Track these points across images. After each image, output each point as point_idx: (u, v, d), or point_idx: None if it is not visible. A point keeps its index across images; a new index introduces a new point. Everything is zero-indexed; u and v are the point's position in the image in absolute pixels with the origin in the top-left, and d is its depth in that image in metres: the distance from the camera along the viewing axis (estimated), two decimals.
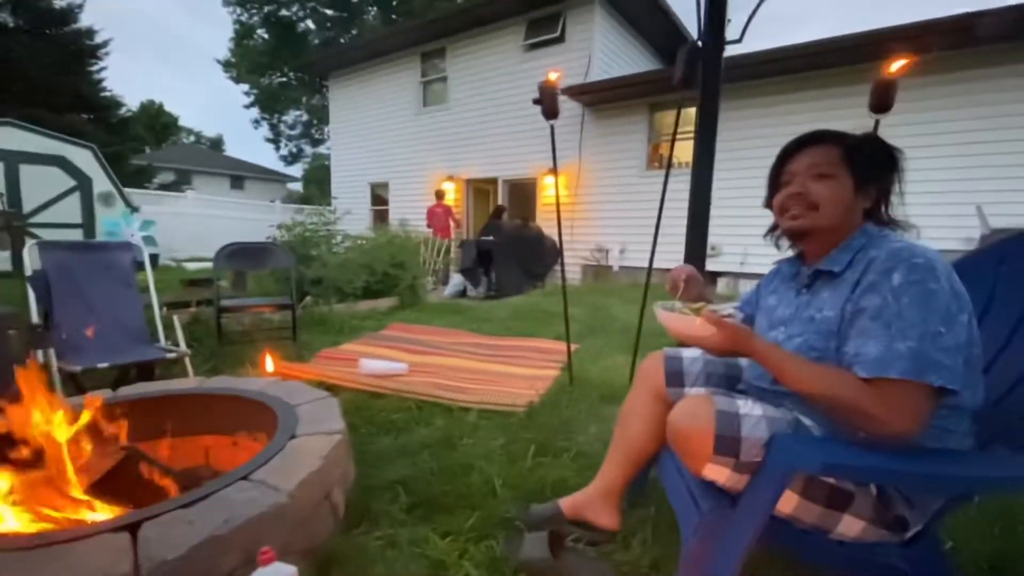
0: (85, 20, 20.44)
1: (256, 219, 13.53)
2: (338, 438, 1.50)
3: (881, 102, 2.06)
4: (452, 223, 8.74)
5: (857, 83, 5.77)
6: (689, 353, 1.37)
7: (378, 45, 10.81)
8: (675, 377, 1.34)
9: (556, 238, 4.21)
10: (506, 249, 7.42)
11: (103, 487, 1.31)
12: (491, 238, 7.52)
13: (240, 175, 26.07)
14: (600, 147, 8.37)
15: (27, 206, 7.89)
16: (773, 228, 1.23)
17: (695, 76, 2.22)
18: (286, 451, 1.40)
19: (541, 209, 9.01)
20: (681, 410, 1.09)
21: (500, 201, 9.56)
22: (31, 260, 2.64)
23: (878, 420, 0.87)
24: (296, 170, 28.60)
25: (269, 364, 2.67)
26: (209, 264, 9.17)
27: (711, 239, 2.35)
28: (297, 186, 29.25)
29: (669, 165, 2.54)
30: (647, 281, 2.54)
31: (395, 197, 11.35)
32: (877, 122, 2.08)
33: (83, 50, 20.26)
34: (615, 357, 3.31)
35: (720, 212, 3.08)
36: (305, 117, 25.69)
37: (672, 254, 2.58)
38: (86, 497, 1.24)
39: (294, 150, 26.84)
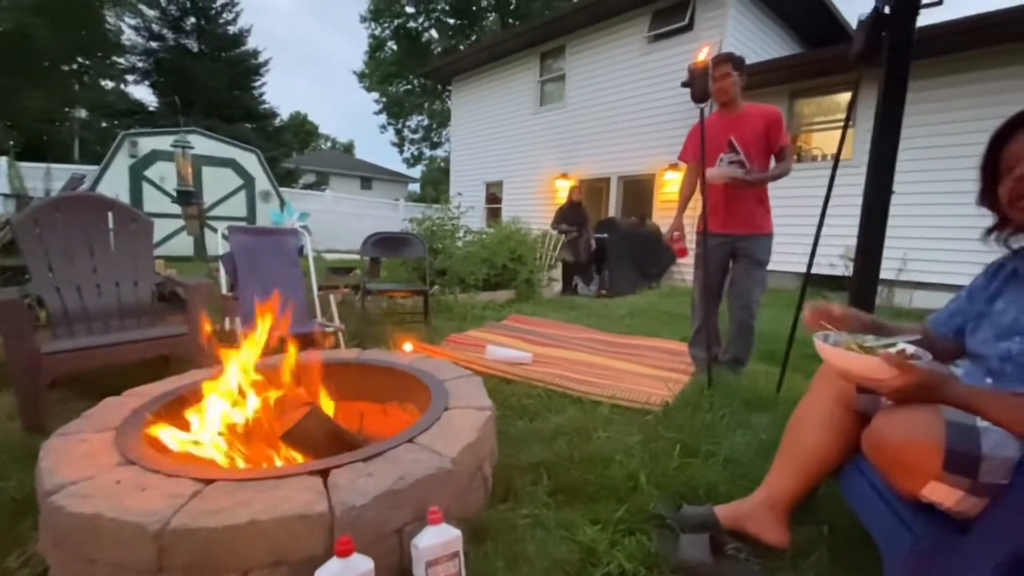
0: (251, 43, 23.80)
1: (383, 216, 14.77)
2: (488, 414, 1.55)
3: None
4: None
5: None
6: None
7: (499, 48, 11.14)
8: None
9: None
10: (621, 247, 7.22)
11: (290, 437, 1.47)
12: (605, 235, 7.37)
13: (369, 176, 28.63)
14: None
15: (206, 201, 9.36)
16: (998, 225, 1.09)
17: (878, 49, 1.94)
18: (442, 421, 1.47)
19: (659, 206, 8.64)
20: (895, 419, 0.95)
21: (613, 199, 9.35)
22: (220, 244, 3.10)
23: None
24: (416, 172, 30.73)
25: (408, 345, 2.85)
26: (344, 256, 10.18)
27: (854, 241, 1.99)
28: (416, 187, 31.37)
29: (838, 157, 2.24)
30: (803, 287, 2.27)
31: (508, 195, 11.63)
32: None
33: (249, 69, 23.71)
34: (752, 364, 3.05)
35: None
36: (426, 122, 27.42)
37: (806, 256, 2.29)
38: (280, 444, 1.41)
39: (415, 153, 28.82)
